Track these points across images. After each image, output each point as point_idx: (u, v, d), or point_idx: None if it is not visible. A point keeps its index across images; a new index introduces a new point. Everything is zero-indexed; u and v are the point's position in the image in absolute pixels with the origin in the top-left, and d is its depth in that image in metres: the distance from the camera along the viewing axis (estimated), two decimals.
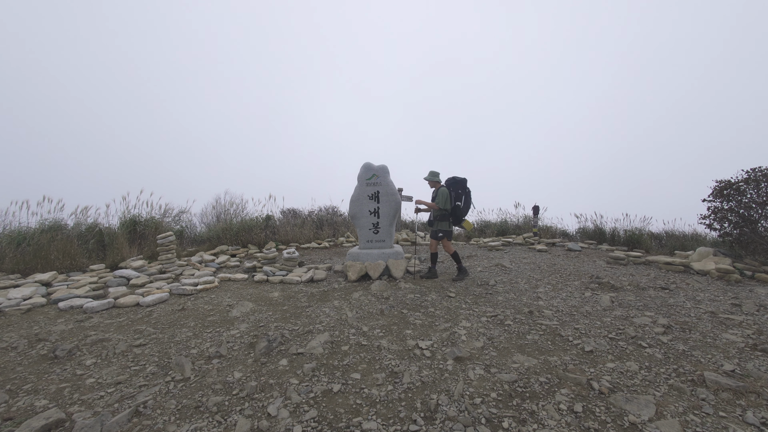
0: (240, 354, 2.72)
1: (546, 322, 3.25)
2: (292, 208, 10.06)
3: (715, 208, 5.87)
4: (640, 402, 2.00)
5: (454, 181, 5.07)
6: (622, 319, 3.35)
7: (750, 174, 5.50)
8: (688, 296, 4.08)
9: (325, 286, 4.73)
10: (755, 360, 2.50)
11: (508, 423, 1.85)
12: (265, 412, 1.98)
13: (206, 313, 3.70)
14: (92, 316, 3.67)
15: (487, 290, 4.38)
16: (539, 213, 8.87)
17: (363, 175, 5.36)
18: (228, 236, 7.92)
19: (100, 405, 2.07)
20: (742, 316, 3.39)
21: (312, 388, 2.19)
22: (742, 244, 5.51)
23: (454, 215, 4.97)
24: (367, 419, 1.90)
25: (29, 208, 6.25)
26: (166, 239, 5.68)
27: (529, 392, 2.13)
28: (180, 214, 8.43)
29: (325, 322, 3.34)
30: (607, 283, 4.55)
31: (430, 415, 1.92)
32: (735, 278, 4.74)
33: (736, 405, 1.98)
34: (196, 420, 1.92)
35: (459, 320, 3.32)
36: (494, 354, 2.64)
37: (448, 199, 4.86)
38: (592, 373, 2.34)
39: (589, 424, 1.83)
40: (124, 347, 2.87)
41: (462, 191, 4.99)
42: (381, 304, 3.81)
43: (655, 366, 2.43)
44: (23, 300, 4.08)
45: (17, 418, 1.93)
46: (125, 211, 7.13)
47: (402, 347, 2.76)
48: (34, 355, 2.77)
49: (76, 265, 5.63)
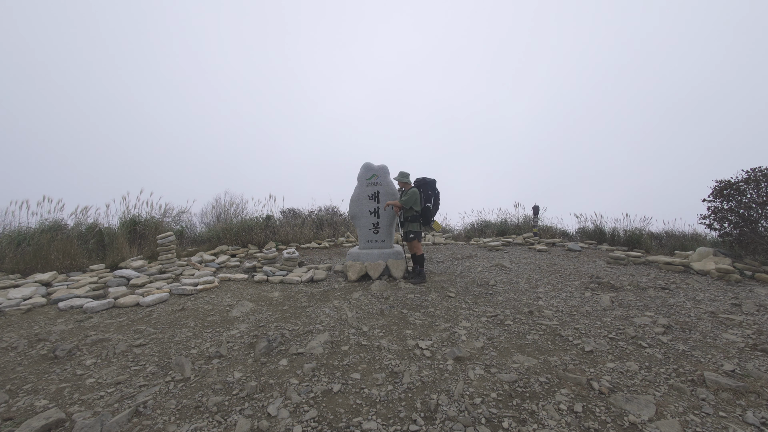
0: (240, 354, 2.72)
1: (546, 322, 3.25)
2: (292, 208, 10.06)
3: (715, 208, 5.87)
4: (640, 402, 2.00)
5: (424, 182, 5.02)
6: (622, 319, 3.35)
7: (750, 174, 5.50)
8: (688, 296, 4.08)
9: (325, 286, 4.73)
10: (755, 360, 2.50)
11: (508, 423, 1.85)
12: (265, 412, 1.98)
13: (206, 313, 3.70)
14: (92, 316, 3.68)
15: (487, 290, 4.38)
16: (539, 213, 8.87)
17: (363, 175, 5.36)
18: (228, 236, 7.92)
19: (100, 405, 2.07)
20: (742, 316, 3.39)
21: (312, 388, 2.19)
22: (742, 244, 5.51)
23: (424, 216, 4.92)
24: (367, 419, 1.90)
25: (29, 208, 6.26)
26: (166, 239, 5.68)
27: (529, 392, 2.13)
28: (180, 214, 8.43)
29: (325, 322, 3.34)
30: (607, 283, 4.55)
31: (430, 415, 1.92)
32: (735, 278, 4.74)
33: (736, 405, 1.98)
34: (196, 420, 1.92)
35: (459, 320, 3.32)
36: (494, 354, 2.64)
37: (419, 200, 4.82)
38: (592, 373, 2.34)
39: (589, 424, 1.83)
40: (124, 347, 2.87)
41: (432, 192, 4.96)
42: (381, 304, 3.81)
43: (655, 366, 2.43)
44: (23, 300, 4.08)
45: (17, 418, 1.93)
46: (125, 211, 7.14)
47: (402, 347, 2.76)
48: (34, 355, 2.77)
49: (76, 265, 5.63)
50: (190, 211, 8.73)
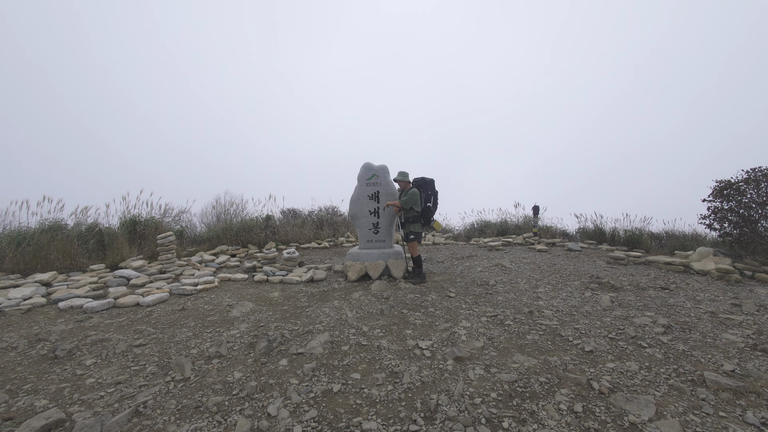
0: (240, 354, 2.72)
1: (546, 322, 3.25)
2: (292, 208, 10.06)
3: (715, 208, 5.87)
4: (640, 402, 2.00)
5: (423, 181, 4.98)
6: (622, 319, 3.35)
7: (750, 174, 5.50)
8: (688, 296, 4.08)
9: (325, 286, 4.73)
10: (755, 360, 2.50)
11: (508, 423, 1.85)
12: (265, 412, 1.98)
13: (206, 313, 3.70)
14: (92, 316, 3.67)
15: (487, 290, 4.38)
16: (539, 213, 8.87)
17: (363, 175, 5.36)
18: (228, 236, 7.91)
19: (100, 405, 2.07)
20: (742, 316, 3.39)
21: (312, 388, 2.19)
22: (742, 244, 5.50)
23: (425, 216, 4.90)
24: (367, 419, 1.90)
25: (29, 208, 6.26)
26: (166, 239, 5.68)
27: (529, 392, 2.13)
28: (180, 214, 8.43)
29: (325, 322, 3.34)
30: (607, 283, 4.55)
31: (430, 415, 1.92)
32: (735, 278, 4.74)
33: (736, 405, 1.98)
34: (196, 420, 1.92)
35: (459, 320, 3.32)
36: (494, 354, 2.64)
37: (419, 200, 4.79)
38: (592, 373, 2.34)
39: (589, 424, 1.83)
40: (124, 347, 2.87)
41: (431, 192, 4.93)
42: (381, 304, 3.81)
43: (655, 366, 2.43)
44: (23, 300, 4.08)
45: (17, 418, 1.93)
46: (125, 211, 7.14)
47: (402, 347, 2.76)
48: (34, 355, 2.77)
49: (76, 265, 5.63)
50: (190, 211, 8.74)
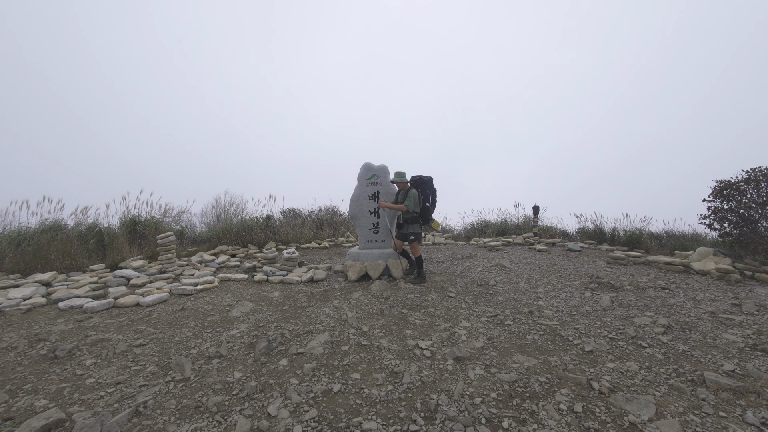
0: (240, 354, 2.72)
1: (546, 322, 3.25)
2: (292, 208, 10.06)
3: (715, 208, 5.87)
4: (640, 402, 2.00)
5: (421, 181, 4.92)
6: (622, 319, 3.35)
7: (750, 174, 5.50)
8: (688, 296, 4.08)
9: (325, 286, 4.73)
10: (755, 360, 2.50)
11: (508, 423, 1.85)
12: (265, 412, 1.98)
13: (206, 313, 3.70)
14: (92, 316, 3.67)
15: (487, 290, 4.38)
16: (539, 213, 8.87)
17: (363, 175, 5.36)
18: (228, 236, 7.91)
19: (100, 405, 2.07)
20: (742, 316, 3.39)
21: (312, 388, 2.19)
22: (742, 244, 5.51)
23: (424, 216, 4.85)
24: (367, 419, 1.90)
25: (29, 208, 6.25)
26: (166, 239, 5.68)
27: (529, 392, 2.13)
28: (180, 214, 8.43)
29: (325, 322, 3.34)
30: (607, 283, 4.55)
31: (430, 415, 1.92)
32: (735, 278, 4.74)
33: (736, 405, 1.98)
34: (196, 420, 1.92)
35: (459, 320, 3.32)
36: (494, 354, 2.64)
37: (419, 201, 4.76)
38: (592, 373, 2.34)
39: (589, 424, 1.83)
40: (124, 347, 2.87)
41: (429, 191, 4.89)
42: (381, 304, 3.81)
43: (655, 366, 2.43)
44: (23, 300, 4.08)
45: (17, 418, 1.93)
46: (125, 211, 7.14)
47: (402, 347, 2.76)
48: (34, 355, 2.77)
49: (76, 265, 5.63)
50: (190, 211, 8.73)
